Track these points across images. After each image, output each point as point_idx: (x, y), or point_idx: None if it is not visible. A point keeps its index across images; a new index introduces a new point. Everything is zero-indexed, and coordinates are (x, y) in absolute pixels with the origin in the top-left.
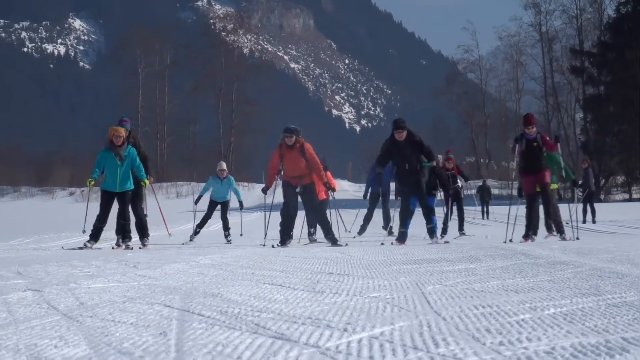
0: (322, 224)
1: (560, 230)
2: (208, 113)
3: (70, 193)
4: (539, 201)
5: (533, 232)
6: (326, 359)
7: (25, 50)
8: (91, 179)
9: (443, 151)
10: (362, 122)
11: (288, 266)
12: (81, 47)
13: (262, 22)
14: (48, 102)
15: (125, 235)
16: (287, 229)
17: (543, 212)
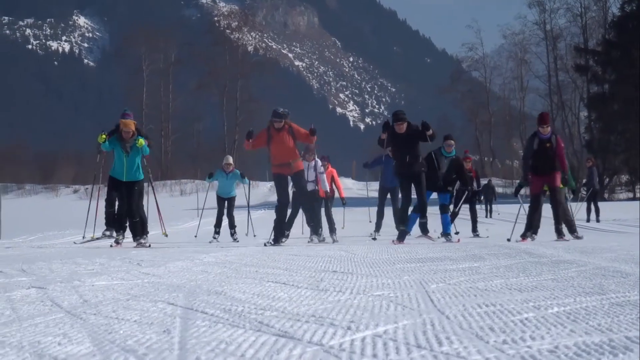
0: (307, 211)
1: (572, 229)
2: (212, 111)
3: (74, 190)
4: (543, 203)
5: (533, 232)
6: (330, 357)
7: (29, 47)
8: (104, 134)
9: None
10: (367, 120)
11: (292, 264)
12: (85, 45)
13: (267, 20)
14: (52, 100)
15: (135, 232)
16: (281, 227)
17: (553, 217)
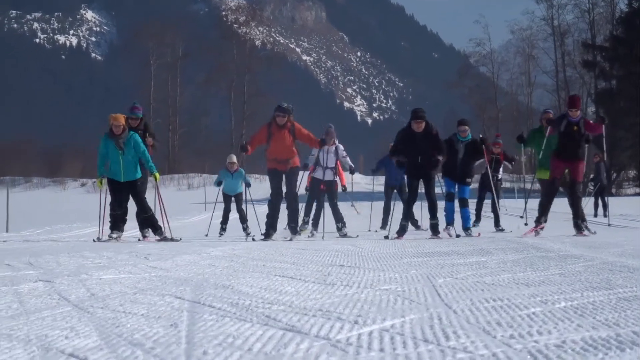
0: (290, 209)
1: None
2: (220, 105)
3: (81, 184)
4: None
5: (544, 220)
6: (337, 351)
7: (37, 41)
8: (100, 178)
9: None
10: (374, 115)
11: (299, 258)
12: (93, 39)
13: (274, 15)
14: (59, 94)
15: (155, 227)
16: (274, 221)
17: (572, 212)
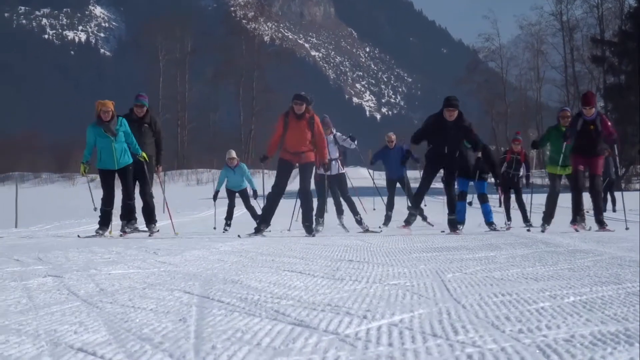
0: (304, 207)
1: (582, 219)
2: (229, 101)
3: (90, 179)
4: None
5: (581, 218)
6: (345, 346)
7: (46, 37)
8: (85, 165)
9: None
10: (383, 110)
11: (308, 253)
12: (102, 34)
13: (283, 10)
14: (68, 89)
15: (130, 216)
16: (267, 215)
17: (593, 207)
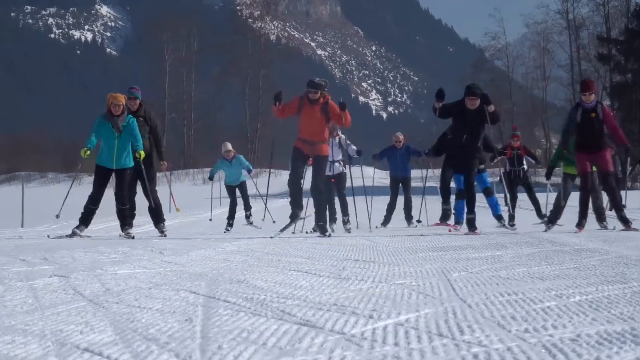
0: (317, 206)
1: (601, 218)
2: (235, 100)
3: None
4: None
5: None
6: (351, 346)
7: (52, 36)
8: (86, 149)
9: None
10: (389, 109)
11: (314, 253)
12: (108, 34)
13: (289, 9)
14: (75, 89)
15: (124, 221)
16: (298, 199)
17: (611, 206)
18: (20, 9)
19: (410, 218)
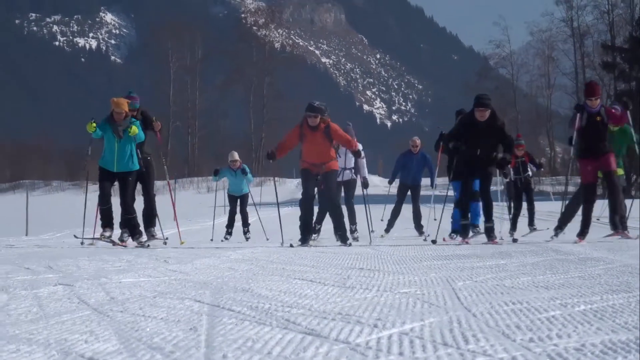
0: (334, 217)
1: (623, 225)
2: (239, 108)
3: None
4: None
5: (559, 227)
6: (356, 355)
7: (56, 44)
8: (93, 122)
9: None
10: (393, 118)
11: (318, 261)
12: (112, 41)
13: (294, 17)
14: (79, 96)
15: (134, 231)
16: (309, 225)
17: (608, 206)
18: (24, 16)
19: (420, 228)
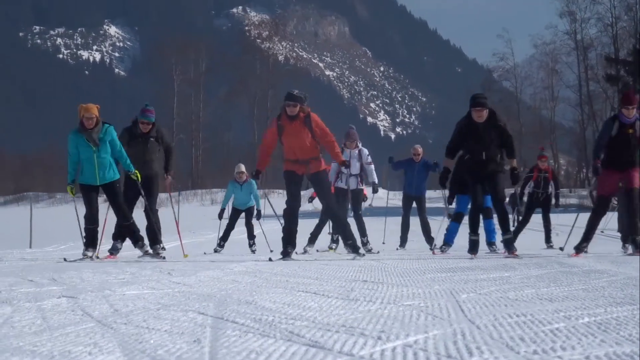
0: (337, 225)
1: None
2: (243, 120)
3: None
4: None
5: (586, 244)
6: None
7: (60, 56)
8: (70, 186)
9: None
10: (397, 130)
11: (322, 274)
12: (116, 54)
13: (297, 30)
14: None
15: (135, 238)
16: (293, 235)
17: (628, 225)
18: (28, 29)
19: (431, 240)
